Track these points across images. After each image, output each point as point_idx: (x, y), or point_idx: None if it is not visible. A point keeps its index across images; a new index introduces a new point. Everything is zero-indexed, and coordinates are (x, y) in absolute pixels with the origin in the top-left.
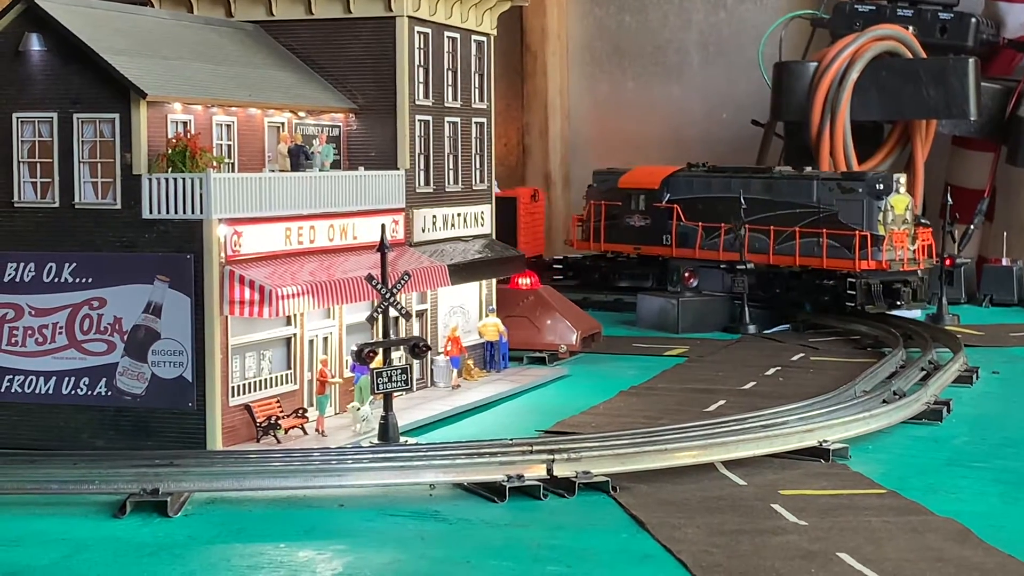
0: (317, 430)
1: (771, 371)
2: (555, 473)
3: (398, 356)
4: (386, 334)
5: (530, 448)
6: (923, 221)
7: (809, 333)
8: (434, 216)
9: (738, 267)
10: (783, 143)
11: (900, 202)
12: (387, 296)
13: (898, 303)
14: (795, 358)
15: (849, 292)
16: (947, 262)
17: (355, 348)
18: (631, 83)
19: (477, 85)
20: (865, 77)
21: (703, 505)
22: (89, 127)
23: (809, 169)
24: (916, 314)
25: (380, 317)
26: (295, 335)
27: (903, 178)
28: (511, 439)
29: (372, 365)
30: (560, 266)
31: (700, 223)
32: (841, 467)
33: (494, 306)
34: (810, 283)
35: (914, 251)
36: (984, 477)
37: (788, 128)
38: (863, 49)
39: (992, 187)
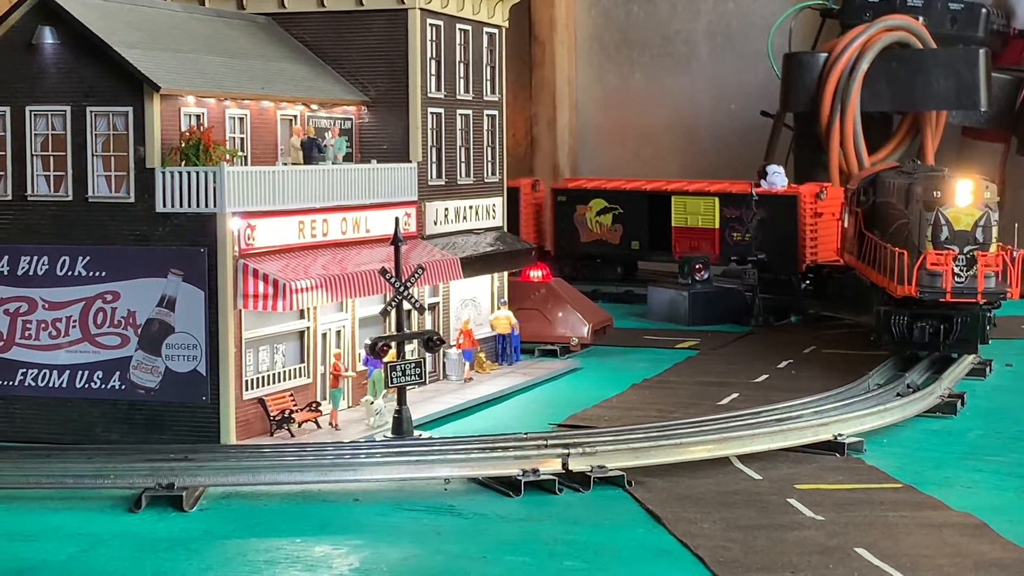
0: (331, 424)
1: (783, 364)
2: (570, 467)
3: (410, 349)
4: (400, 327)
5: (545, 442)
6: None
7: (820, 325)
8: (446, 209)
9: (749, 258)
10: (792, 134)
11: (964, 216)
12: (401, 289)
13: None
14: (807, 351)
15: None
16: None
17: (369, 342)
18: (639, 73)
19: (489, 77)
20: (875, 68)
21: (719, 500)
22: (102, 120)
23: (920, 163)
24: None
25: (393, 310)
26: (308, 328)
27: (972, 185)
28: (526, 433)
29: (386, 359)
30: (811, 276)
31: (869, 231)
32: (856, 461)
33: (506, 299)
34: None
35: (969, 277)
36: (1000, 471)
37: (798, 119)
38: (873, 40)
39: (1002, 178)
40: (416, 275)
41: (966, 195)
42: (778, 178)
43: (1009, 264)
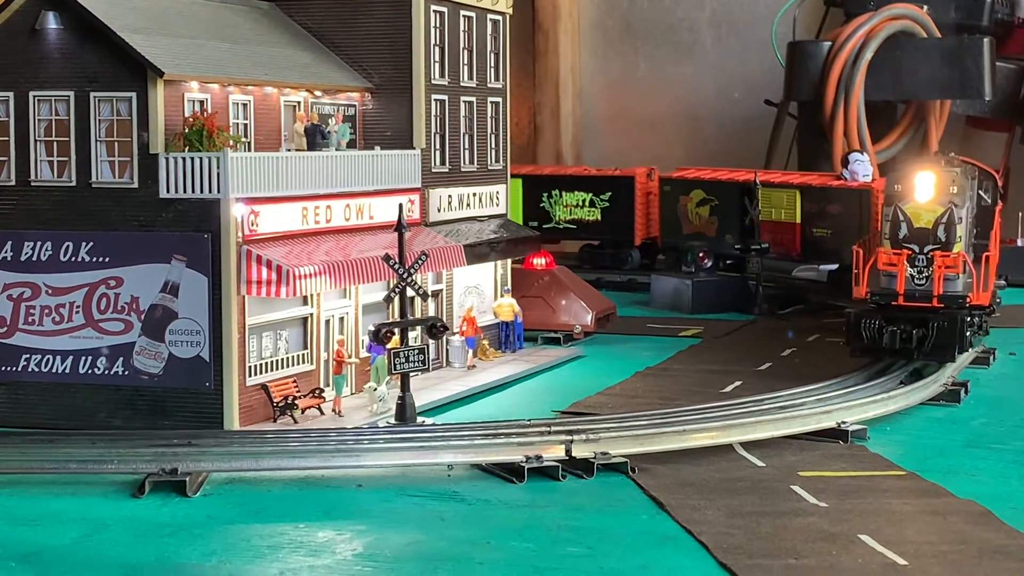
0: (334, 410)
1: (786, 352)
2: (574, 454)
3: (414, 336)
4: (403, 314)
5: (548, 429)
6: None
7: (824, 314)
8: (449, 196)
9: (752, 247)
10: (796, 123)
11: (924, 212)
12: (404, 276)
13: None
14: (810, 339)
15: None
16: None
17: (373, 328)
18: (643, 62)
19: (492, 64)
20: (879, 57)
21: (722, 486)
22: (106, 106)
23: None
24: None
25: (397, 297)
26: (311, 315)
27: (934, 179)
28: (529, 420)
29: (389, 345)
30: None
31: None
32: (860, 448)
33: (509, 286)
34: None
35: (926, 279)
36: (1004, 459)
37: (802, 108)
38: (877, 29)
39: (1006, 167)
40: (420, 262)
41: (927, 190)
42: (860, 167)
43: (970, 265)
